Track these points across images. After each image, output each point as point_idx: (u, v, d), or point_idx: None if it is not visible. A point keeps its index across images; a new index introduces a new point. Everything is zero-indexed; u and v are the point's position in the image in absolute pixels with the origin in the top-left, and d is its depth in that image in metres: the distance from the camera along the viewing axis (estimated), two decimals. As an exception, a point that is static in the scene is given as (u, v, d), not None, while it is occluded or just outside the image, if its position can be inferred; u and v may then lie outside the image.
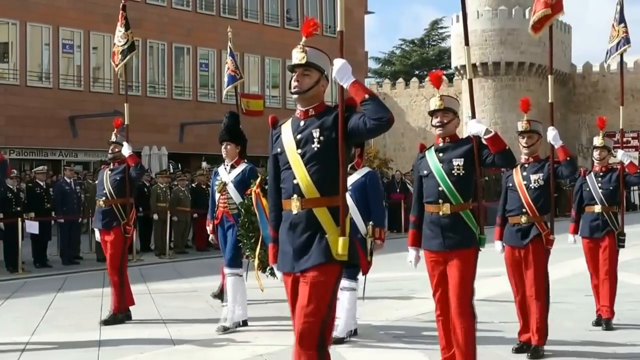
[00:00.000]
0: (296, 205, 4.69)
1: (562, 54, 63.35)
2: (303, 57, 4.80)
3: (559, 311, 9.11)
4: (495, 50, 58.56)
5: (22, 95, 29.05)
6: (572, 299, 10.43)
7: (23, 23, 29.35)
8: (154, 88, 33.76)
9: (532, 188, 7.45)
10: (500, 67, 58.23)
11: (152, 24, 32.67)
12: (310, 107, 4.84)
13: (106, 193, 9.72)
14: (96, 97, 31.27)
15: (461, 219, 6.17)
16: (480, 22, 59.45)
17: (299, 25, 38.95)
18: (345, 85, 4.68)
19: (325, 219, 4.66)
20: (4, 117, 28.32)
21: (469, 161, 6.18)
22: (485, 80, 58.15)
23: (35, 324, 9.46)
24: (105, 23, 30.99)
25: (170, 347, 8.13)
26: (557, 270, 11.74)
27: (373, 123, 4.50)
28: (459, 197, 6.16)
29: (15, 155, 29.45)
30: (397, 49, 76.12)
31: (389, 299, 11.06)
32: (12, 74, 29.68)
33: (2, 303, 11.39)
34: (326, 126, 4.72)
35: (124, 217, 9.65)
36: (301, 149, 4.74)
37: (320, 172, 4.67)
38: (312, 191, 4.67)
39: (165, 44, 33.72)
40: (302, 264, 4.66)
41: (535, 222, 7.41)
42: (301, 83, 4.80)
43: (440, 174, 6.21)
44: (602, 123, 9.10)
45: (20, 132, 28.50)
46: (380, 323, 9.19)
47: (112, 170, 9.86)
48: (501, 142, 6.10)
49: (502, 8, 59.19)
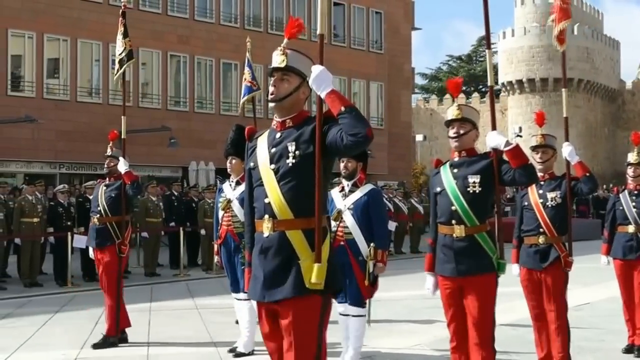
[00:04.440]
0: (267, 226, 4.20)
1: (610, 70, 62.74)
2: (283, 60, 4.26)
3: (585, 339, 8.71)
4: (542, 67, 58.24)
5: (72, 110, 29.44)
6: (604, 324, 9.93)
7: (74, 39, 29.78)
8: (202, 104, 34.00)
9: (549, 207, 7.01)
10: (548, 83, 57.84)
11: (200, 41, 32.98)
12: (287, 117, 4.31)
13: (100, 210, 9.22)
14: (144, 112, 31.54)
15: (476, 242, 5.61)
16: (528, 38, 59.16)
17: (346, 42, 39.07)
18: (322, 94, 4.11)
19: (299, 243, 4.15)
20: (54, 132, 28.72)
21: (487, 178, 5.61)
22: (532, 96, 57.85)
23: (84, 338, 9.50)
24: (153, 40, 31.39)
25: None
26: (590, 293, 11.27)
27: (350, 139, 3.96)
28: (474, 218, 5.61)
29: (65, 169, 29.89)
30: (444, 64, 76.33)
31: (400, 322, 10.50)
32: (63, 90, 30.11)
33: (52, 317, 11.50)
34: (303, 139, 4.20)
35: (119, 236, 9.10)
36: (275, 164, 4.23)
37: (295, 190, 4.16)
38: (285, 211, 4.16)
39: (213, 60, 33.96)
40: (273, 294, 4.16)
41: (554, 242, 6.97)
42: (278, 89, 4.27)
43: (453, 191, 5.67)
44: (638, 138, 8.60)
45: (70, 147, 28.86)
46: (388, 350, 8.56)
47: (107, 186, 9.39)
48: (523, 156, 5.48)
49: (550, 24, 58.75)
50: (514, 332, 8.94)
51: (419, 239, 23.04)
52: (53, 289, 14.94)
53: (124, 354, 8.72)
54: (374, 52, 40.70)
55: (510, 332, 8.73)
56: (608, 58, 62.33)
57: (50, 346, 9.18)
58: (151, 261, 17.96)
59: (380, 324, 9.85)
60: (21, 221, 15.96)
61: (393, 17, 42.97)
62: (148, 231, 18.07)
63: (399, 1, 44.51)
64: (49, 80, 29.99)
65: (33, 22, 28.87)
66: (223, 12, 34.51)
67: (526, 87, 58.70)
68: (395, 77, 42.93)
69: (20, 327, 10.61)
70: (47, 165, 29.75)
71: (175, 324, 10.81)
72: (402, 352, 8.43)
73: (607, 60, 62.07)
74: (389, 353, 8.38)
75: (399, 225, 21.82)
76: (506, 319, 9.29)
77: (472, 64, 73.69)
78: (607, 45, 62.87)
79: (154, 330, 10.26)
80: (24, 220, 15.98)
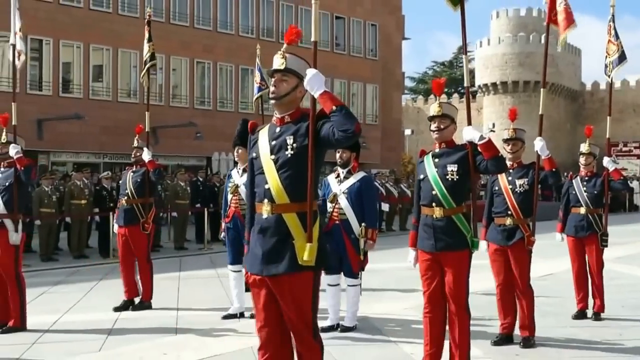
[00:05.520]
0: (267, 209, 4.14)
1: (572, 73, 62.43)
2: (282, 63, 4.20)
3: (549, 304, 8.65)
4: (514, 71, 58.05)
5: (113, 109, 29.42)
6: (565, 292, 9.63)
7: (115, 49, 29.75)
8: (223, 103, 33.95)
9: (517, 192, 6.89)
10: (519, 85, 57.69)
11: (221, 49, 32.91)
12: (286, 113, 4.24)
13: (128, 193, 9.20)
14: (174, 110, 31.56)
15: (453, 222, 5.53)
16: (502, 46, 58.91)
17: (346, 50, 38.96)
18: (315, 95, 4.05)
19: (294, 224, 4.09)
20: (98, 127, 28.73)
21: (463, 167, 5.53)
22: (504, 96, 57.68)
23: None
24: (182, 49, 31.35)
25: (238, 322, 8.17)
26: (553, 265, 11.09)
27: (340, 134, 3.91)
28: (452, 201, 5.53)
29: (107, 159, 29.96)
30: (430, 69, 76.12)
31: (389, 290, 10.42)
32: (105, 92, 30.11)
33: (96, 284, 11.55)
34: (300, 133, 4.13)
35: (143, 215, 9.09)
36: (275, 154, 4.17)
37: (292, 178, 4.10)
38: (283, 197, 4.10)
39: (233, 66, 33.90)
40: (270, 269, 4.09)
41: (520, 224, 6.85)
42: (278, 88, 4.20)
43: (434, 178, 5.60)
44: (590, 131, 8.53)
45: (112, 140, 28.83)
46: (378, 315, 8.45)
47: (134, 172, 9.36)
48: (494, 148, 5.43)
49: (521, 34, 58.51)
50: (487, 298, 8.84)
51: (406, 219, 23.00)
52: (97, 260, 15.03)
53: (156, 314, 8.76)
54: (370, 59, 40.56)
55: (483, 299, 8.67)
56: (570, 63, 61.99)
57: (95, 308, 9.24)
58: (180, 237, 17.99)
59: (372, 292, 9.82)
60: (71, 203, 16.01)
61: (386, 29, 42.79)
62: (177, 211, 18.08)
63: (391, 15, 44.31)
64: (94, 83, 29.96)
65: (81, 35, 28.85)
66: (241, 25, 34.40)
67: (499, 89, 58.45)
68: (388, 80, 42.80)
69: (69, 293, 10.68)
70: (92, 156, 29.76)
71: (200, 290, 10.86)
72: (389, 317, 8.40)
73: (569, 65, 61.75)
74: (378, 317, 8.35)
75: (390, 206, 21.83)
76: (481, 287, 9.16)
77: (453, 68, 73.36)
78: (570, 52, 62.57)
79: (182, 295, 10.30)
80: (73, 202, 16.03)
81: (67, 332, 7.75)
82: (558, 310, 8.68)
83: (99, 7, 29.58)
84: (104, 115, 28.94)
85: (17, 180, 7.74)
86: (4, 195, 7.77)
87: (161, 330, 7.82)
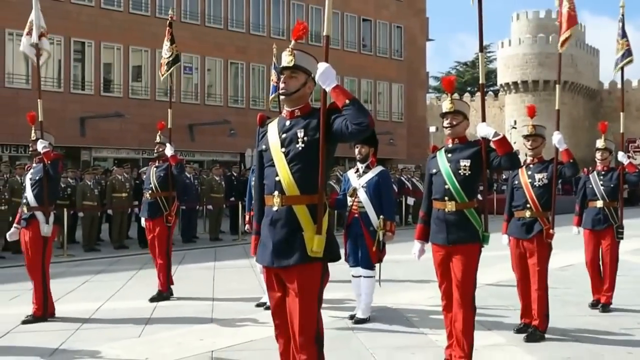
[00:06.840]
0: (277, 201, 4.01)
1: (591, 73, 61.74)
2: (291, 60, 4.06)
3: (569, 294, 8.52)
4: (534, 71, 57.54)
5: (151, 107, 29.57)
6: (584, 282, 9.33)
7: (153, 50, 29.87)
8: (255, 101, 33.99)
9: (536, 186, 6.78)
10: (539, 84, 57.13)
11: (254, 51, 32.93)
12: (296, 107, 4.11)
13: (152, 187, 9.18)
14: (209, 109, 31.69)
15: (465, 216, 5.39)
16: (522, 47, 58.40)
17: (372, 51, 38.84)
18: (327, 89, 3.91)
19: (304, 216, 3.96)
20: (138, 124, 28.91)
21: (476, 162, 5.38)
22: (525, 95, 57.14)
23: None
24: (216, 50, 31.48)
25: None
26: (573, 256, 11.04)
27: (354, 127, 3.78)
28: (464, 196, 5.39)
29: (146, 155, 30.07)
30: (453, 69, 75.53)
31: (405, 282, 10.18)
32: (144, 91, 30.32)
33: (136, 273, 11.64)
34: (311, 127, 4.00)
35: (166, 208, 9.08)
36: (285, 147, 4.03)
37: (302, 170, 3.96)
38: (293, 189, 3.96)
39: (264, 67, 33.92)
40: (281, 261, 3.97)
41: (538, 217, 6.73)
42: (288, 85, 4.08)
43: (447, 173, 5.45)
44: (604, 127, 8.31)
45: (150, 137, 28.63)
46: (395, 306, 8.36)
47: (157, 167, 9.34)
48: (508, 145, 5.27)
49: (541, 35, 57.95)
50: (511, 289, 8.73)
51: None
52: (137, 251, 15.11)
53: (193, 303, 8.78)
54: (396, 60, 40.39)
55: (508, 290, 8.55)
56: (589, 63, 61.35)
57: (134, 296, 9.29)
58: (215, 228, 18.06)
59: (398, 283, 9.73)
60: (112, 196, 16.16)
61: (411, 31, 42.61)
62: (213, 205, 18.15)
63: (416, 17, 44.14)
64: (133, 83, 30.19)
65: (121, 37, 29.11)
66: (273, 27, 34.44)
67: (520, 88, 57.94)
68: (412, 79, 42.63)
69: (111, 281, 10.77)
70: (132, 152, 29.99)
71: (234, 279, 10.87)
72: (414, 307, 8.32)
73: (588, 65, 61.09)
74: (404, 307, 8.30)
75: (415, 200, 21.73)
76: (505, 277, 8.92)
77: (475, 68, 72.72)
78: (588, 53, 61.88)
79: (217, 284, 10.34)
80: (114, 195, 16.17)
81: (107, 319, 7.81)
82: (579, 300, 8.59)
83: (137, 10, 29.83)
84: (142, 113, 29.12)
85: (46, 174, 7.76)
86: (35, 188, 7.81)
87: (197, 317, 7.84)
